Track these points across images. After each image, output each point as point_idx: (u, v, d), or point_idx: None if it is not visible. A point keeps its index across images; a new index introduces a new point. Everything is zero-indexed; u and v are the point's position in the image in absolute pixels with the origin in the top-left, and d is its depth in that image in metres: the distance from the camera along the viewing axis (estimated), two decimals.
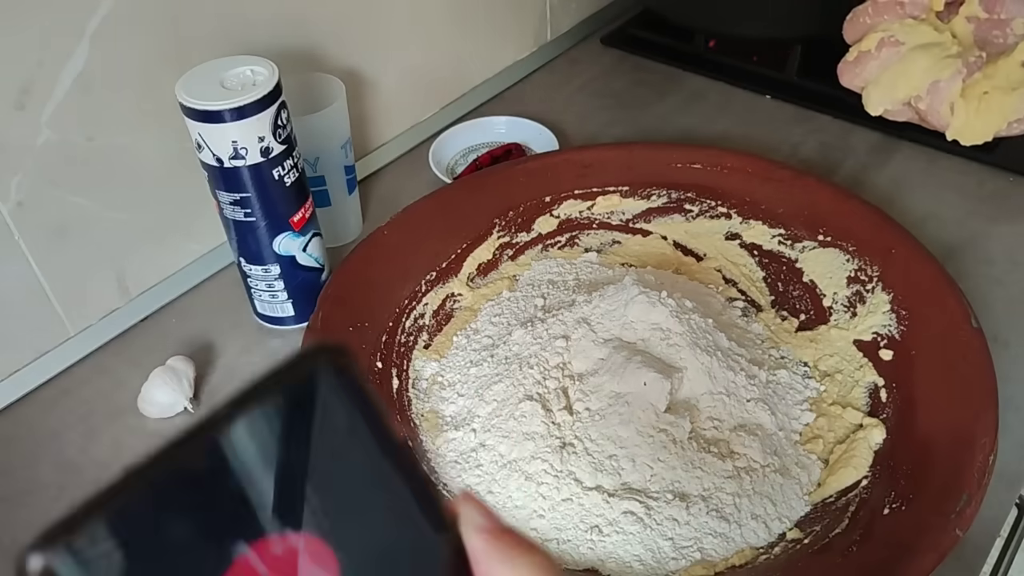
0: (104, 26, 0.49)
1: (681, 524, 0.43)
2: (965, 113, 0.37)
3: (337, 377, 0.18)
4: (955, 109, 0.38)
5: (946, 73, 0.37)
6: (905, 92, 0.38)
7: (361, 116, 0.69)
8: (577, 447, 0.45)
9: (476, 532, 0.19)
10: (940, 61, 0.37)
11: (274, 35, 0.59)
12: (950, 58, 0.37)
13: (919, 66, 0.38)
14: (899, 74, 0.38)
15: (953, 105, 0.37)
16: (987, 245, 0.61)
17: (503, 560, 0.19)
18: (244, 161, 0.48)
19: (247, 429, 0.17)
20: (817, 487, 0.46)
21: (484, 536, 0.19)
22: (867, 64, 0.39)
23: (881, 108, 0.40)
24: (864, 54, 0.39)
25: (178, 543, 0.16)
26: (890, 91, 0.39)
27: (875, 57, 0.39)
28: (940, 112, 0.38)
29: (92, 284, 0.55)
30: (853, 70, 0.40)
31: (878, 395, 0.49)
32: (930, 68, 0.37)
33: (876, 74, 0.39)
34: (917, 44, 0.38)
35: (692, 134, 0.74)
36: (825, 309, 0.55)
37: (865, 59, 0.39)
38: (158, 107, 0.53)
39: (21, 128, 0.48)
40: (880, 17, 0.39)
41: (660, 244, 0.62)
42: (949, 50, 0.38)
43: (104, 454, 0.51)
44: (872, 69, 0.39)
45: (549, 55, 0.85)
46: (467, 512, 0.19)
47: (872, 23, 0.40)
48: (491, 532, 0.19)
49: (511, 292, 0.58)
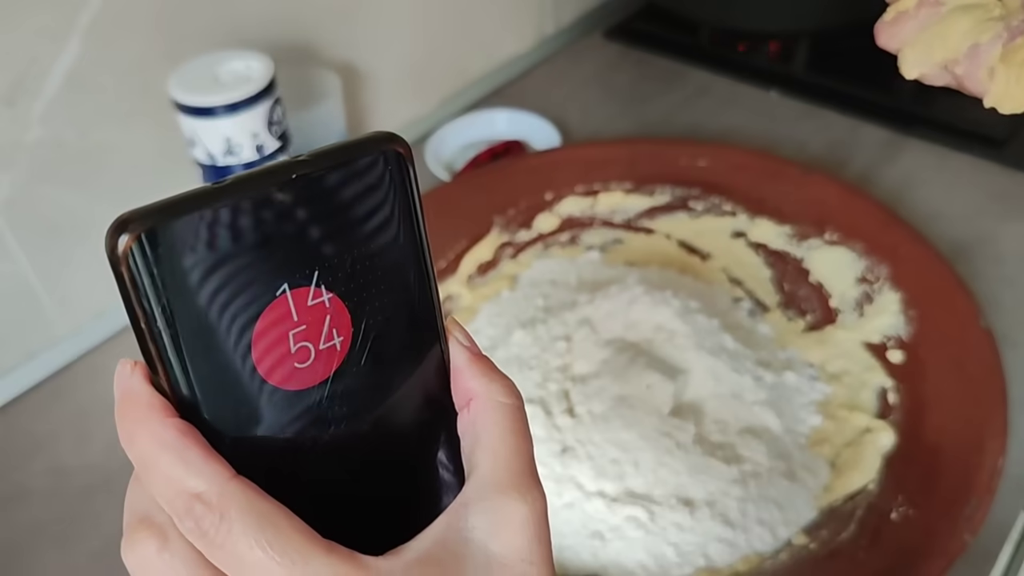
0: (96, 21, 0.49)
1: (685, 530, 0.42)
2: (1005, 80, 0.35)
3: (396, 166, 0.19)
4: (995, 75, 0.35)
5: (986, 36, 0.35)
6: (942, 55, 0.36)
7: (357, 111, 0.68)
8: (579, 451, 0.45)
9: (461, 349, 0.22)
10: (981, 24, 0.35)
11: (268, 29, 0.58)
12: (992, 21, 0.35)
13: (958, 28, 0.36)
14: (937, 36, 0.36)
15: (992, 70, 0.35)
16: (997, 244, 0.60)
17: (481, 375, 0.21)
18: (237, 158, 0.47)
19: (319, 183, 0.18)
20: (824, 491, 0.45)
21: (467, 354, 0.22)
22: (905, 25, 0.37)
23: (917, 71, 0.38)
24: (902, 14, 0.37)
25: (240, 263, 0.18)
26: (927, 53, 0.37)
27: (913, 17, 0.37)
28: (978, 77, 0.36)
29: (84, 283, 0.55)
30: (890, 31, 0.38)
31: (886, 397, 0.49)
32: (970, 31, 0.35)
33: (914, 35, 0.37)
34: (957, 5, 0.36)
35: (697, 130, 0.73)
36: (832, 310, 0.54)
37: (903, 20, 0.37)
38: (151, 103, 0.52)
39: (12, 125, 0.48)
40: None
41: (664, 243, 0.61)
42: (991, 12, 0.36)
43: (96, 456, 0.50)
44: (910, 30, 0.37)
45: (551, 49, 0.84)
46: (455, 330, 0.22)
47: None
48: (473, 351, 0.22)
49: (511, 292, 0.57)
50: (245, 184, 0.18)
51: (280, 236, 0.18)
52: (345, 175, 0.19)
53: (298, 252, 0.18)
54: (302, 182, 0.18)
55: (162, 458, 0.18)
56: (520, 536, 0.20)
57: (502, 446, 0.21)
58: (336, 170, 0.18)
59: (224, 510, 0.18)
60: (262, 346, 0.18)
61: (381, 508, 0.21)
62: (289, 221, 0.18)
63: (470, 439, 0.21)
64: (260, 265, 0.18)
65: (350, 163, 0.19)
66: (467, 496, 0.21)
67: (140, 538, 0.19)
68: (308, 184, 0.18)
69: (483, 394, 0.21)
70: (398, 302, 0.20)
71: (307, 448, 0.20)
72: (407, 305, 0.20)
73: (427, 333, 0.21)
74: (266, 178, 0.18)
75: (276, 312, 0.18)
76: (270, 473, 0.19)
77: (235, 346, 0.18)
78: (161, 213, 0.17)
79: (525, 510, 0.20)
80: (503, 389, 0.21)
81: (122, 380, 0.19)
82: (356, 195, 0.19)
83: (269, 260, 0.18)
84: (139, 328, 0.18)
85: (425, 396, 0.21)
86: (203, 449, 0.18)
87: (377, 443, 0.21)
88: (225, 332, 0.18)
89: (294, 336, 0.19)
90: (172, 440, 0.18)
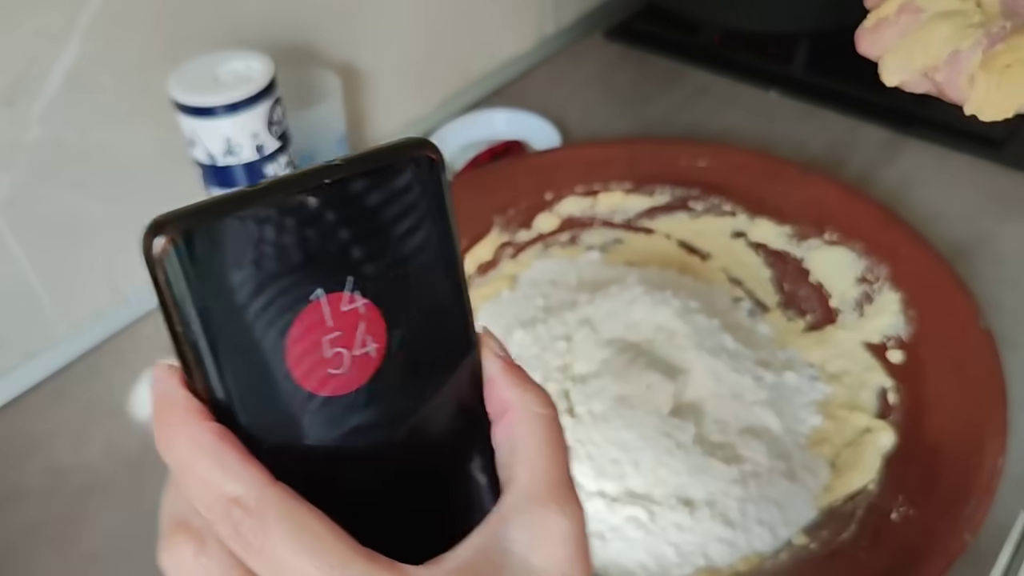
0: (96, 21, 0.49)
1: (685, 530, 0.42)
2: (986, 87, 0.35)
3: (429, 172, 0.19)
4: (975, 82, 0.35)
5: (966, 43, 0.35)
6: (923, 61, 0.36)
7: (357, 111, 0.68)
8: (579, 451, 0.45)
9: (495, 358, 0.22)
10: (961, 30, 0.35)
11: (268, 29, 0.58)
12: (971, 27, 0.35)
13: (939, 35, 0.36)
14: (917, 42, 0.36)
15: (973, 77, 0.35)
16: (996, 244, 0.60)
17: (515, 385, 0.21)
18: (237, 158, 0.47)
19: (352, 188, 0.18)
20: (824, 491, 0.45)
21: (501, 363, 0.22)
22: (885, 31, 0.37)
23: (898, 78, 0.38)
24: (883, 20, 0.37)
25: (275, 267, 0.18)
26: (907, 60, 0.37)
27: (894, 23, 0.37)
28: (958, 84, 0.36)
29: (84, 283, 0.55)
30: (871, 37, 0.37)
31: (886, 397, 0.49)
32: (950, 37, 0.35)
33: (894, 42, 0.37)
34: (938, 11, 0.36)
35: (697, 130, 0.73)
36: (832, 310, 0.54)
37: (884, 26, 0.37)
38: (151, 103, 0.52)
39: (11, 125, 0.48)
40: None
41: (664, 243, 0.61)
42: (971, 19, 0.36)
43: (95, 456, 0.50)
44: (890, 36, 0.37)
45: (551, 49, 0.84)
46: (488, 340, 0.22)
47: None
48: (507, 362, 0.22)
49: (511, 292, 0.57)
50: (279, 188, 0.18)
51: (314, 241, 0.18)
52: (378, 180, 0.19)
53: (332, 257, 0.18)
54: (336, 187, 0.18)
55: (199, 462, 0.18)
56: (560, 549, 0.20)
57: (539, 457, 0.21)
58: (370, 176, 0.18)
59: (262, 515, 0.18)
60: (297, 351, 0.18)
61: (416, 518, 0.21)
62: (323, 226, 0.18)
63: (506, 450, 0.21)
64: (295, 269, 0.18)
65: (384, 169, 0.19)
66: (506, 507, 0.21)
67: (177, 542, 0.19)
68: (342, 189, 0.18)
69: (518, 405, 0.21)
70: (432, 309, 0.20)
71: (342, 455, 0.20)
72: (441, 312, 0.20)
73: (460, 341, 0.21)
74: (300, 183, 0.18)
75: (311, 317, 0.18)
76: (307, 479, 0.19)
77: (270, 350, 0.18)
78: (198, 215, 0.17)
79: (565, 523, 0.20)
80: (538, 399, 0.21)
81: (159, 384, 0.19)
82: (390, 200, 0.19)
83: (304, 265, 0.18)
84: (174, 331, 0.18)
85: (459, 405, 0.21)
86: (240, 453, 0.18)
87: (412, 451, 0.21)
88: (260, 336, 0.18)
89: (328, 342, 0.19)
90: (209, 444, 0.18)
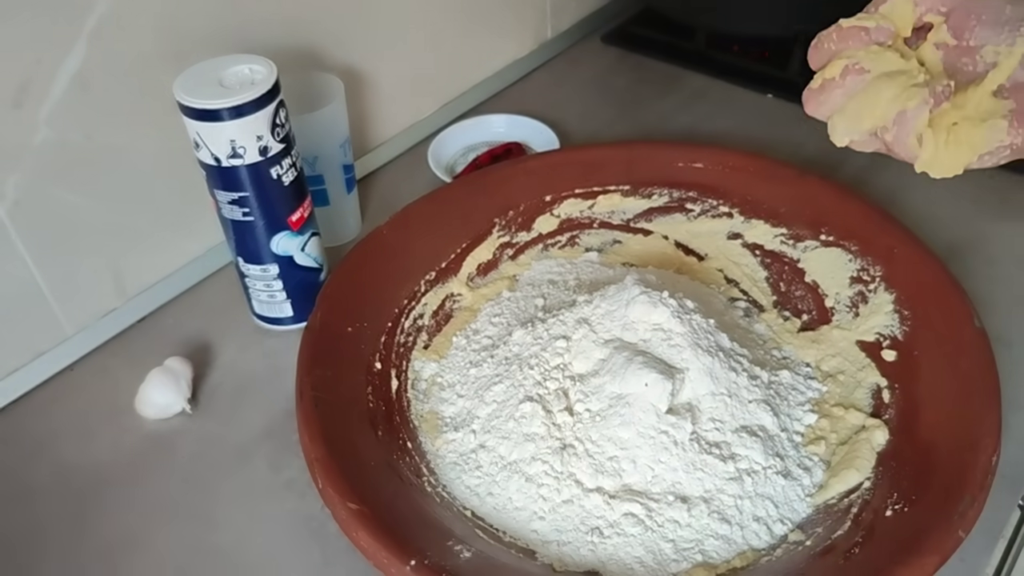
0: (102, 24, 0.49)
1: (682, 526, 0.43)
2: (934, 145, 0.35)
3: None
4: (923, 140, 0.36)
5: (912, 103, 0.35)
6: (871, 122, 0.36)
7: (360, 115, 0.68)
8: (578, 448, 0.45)
9: None
10: (906, 90, 0.35)
11: (272, 33, 0.59)
12: (916, 87, 0.35)
13: (884, 95, 0.36)
14: (864, 103, 0.36)
15: (921, 136, 0.36)
16: (990, 245, 0.60)
17: None
18: (242, 160, 0.48)
19: None
20: (819, 489, 0.46)
21: None
22: (832, 92, 0.37)
23: (847, 139, 0.38)
24: (828, 82, 0.37)
25: None
26: (855, 121, 0.37)
27: (840, 85, 0.37)
28: (907, 144, 0.36)
29: (89, 284, 0.55)
30: (817, 98, 0.38)
31: (881, 396, 0.49)
32: (896, 97, 0.36)
33: (841, 103, 0.37)
34: (882, 72, 0.36)
35: (693, 133, 0.74)
36: (827, 309, 0.55)
37: (829, 87, 0.37)
38: (156, 106, 0.53)
39: (18, 127, 0.48)
40: (845, 43, 0.37)
41: (661, 244, 0.61)
42: (916, 78, 0.36)
43: (101, 455, 0.50)
44: (837, 98, 0.37)
45: (549, 53, 0.85)
46: None
47: (837, 49, 0.38)
48: None
49: (511, 292, 0.58)
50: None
51: None
52: None
53: None
54: None
55: None
56: None
57: None
58: None
59: None
60: None
61: None
62: None
63: None
64: None
65: None
66: None
67: None
68: None
69: None
70: None
71: None
72: None
73: None
74: None
75: None
76: None
77: None
78: None
79: None
80: None
81: None
82: None
83: None
84: None
85: None
86: None
87: None
88: None
89: None
90: None
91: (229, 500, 0.48)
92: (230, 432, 0.52)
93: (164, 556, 0.45)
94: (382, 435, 0.47)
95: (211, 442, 0.51)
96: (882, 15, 0.37)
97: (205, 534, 0.46)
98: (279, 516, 0.47)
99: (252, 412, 0.53)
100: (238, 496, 0.48)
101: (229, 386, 0.54)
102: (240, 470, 0.49)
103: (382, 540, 0.39)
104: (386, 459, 0.46)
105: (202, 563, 0.45)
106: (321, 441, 0.43)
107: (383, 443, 0.47)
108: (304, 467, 0.43)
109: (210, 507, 0.48)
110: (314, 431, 0.43)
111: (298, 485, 0.48)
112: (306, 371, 0.46)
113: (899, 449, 0.45)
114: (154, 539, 0.46)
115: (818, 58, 0.38)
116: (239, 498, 0.48)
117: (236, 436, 0.51)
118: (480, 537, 0.43)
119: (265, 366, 0.55)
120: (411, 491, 0.45)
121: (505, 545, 0.43)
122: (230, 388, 0.54)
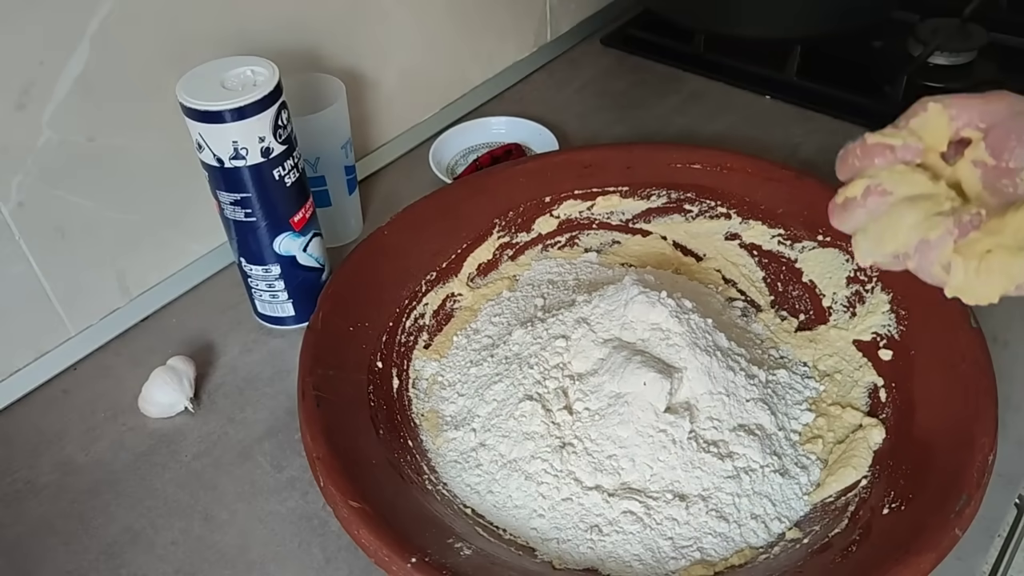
0: (105, 26, 0.50)
1: (681, 524, 0.43)
2: (963, 272, 0.32)
3: None
4: (952, 268, 0.33)
5: (934, 233, 0.32)
6: (893, 247, 0.34)
7: (361, 116, 0.69)
8: (577, 447, 0.45)
9: None
10: (928, 219, 0.33)
11: (274, 35, 0.59)
12: (941, 215, 0.33)
13: (906, 222, 0.33)
14: (885, 228, 0.34)
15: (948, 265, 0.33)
16: None
17: None
18: (245, 161, 0.48)
19: None
20: (816, 487, 0.46)
21: None
22: (854, 211, 0.35)
23: (871, 259, 0.35)
24: (851, 200, 0.35)
25: None
26: (877, 244, 0.34)
27: (861, 205, 0.34)
28: (931, 273, 0.33)
29: (93, 284, 0.55)
30: (841, 215, 0.35)
31: (877, 395, 0.49)
32: (917, 225, 0.33)
33: (863, 222, 0.35)
34: (905, 195, 0.34)
35: (692, 134, 0.74)
36: (825, 309, 0.55)
37: (852, 205, 0.35)
38: (159, 107, 0.53)
39: (22, 128, 0.49)
40: (869, 160, 0.35)
41: (660, 244, 0.62)
42: (941, 206, 0.33)
43: (104, 454, 0.51)
44: (859, 217, 0.35)
45: (549, 55, 0.85)
46: None
47: (861, 166, 0.35)
48: None
49: (511, 292, 0.58)
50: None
51: None
52: None
53: None
54: None
55: None
56: None
57: None
58: None
59: None
60: None
61: None
62: None
63: None
64: None
65: None
66: None
67: None
68: None
69: None
70: None
71: None
72: None
73: None
74: None
75: None
76: None
77: None
78: None
79: None
80: None
81: None
82: None
83: None
84: None
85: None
86: None
87: None
88: None
89: None
90: None
91: (232, 498, 0.48)
92: (232, 431, 0.52)
93: (167, 554, 0.46)
94: (383, 434, 0.47)
95: (214, 441, 0.51)
96: (911, 131, 0.35)
97: (207, 532, 0.47)
98: (281, 514, 0.47)
99: (254, 411, 0.53)
100: (240, 494, 0.48)
101: (231, 385, 0.55)
102: (242, 468, 0.50)
103: (383, 538, 0.39)
104: (387, 457, 0.46)
105: (204, 561, 0.45)
106: (323, 440, 0.43)
107: (384, 442, 0.47)
108: (306, 465, 0.44)
109: (213, 505, 0.48)
110: (316, 430, 0.44)
111: (300, 483, 0.49)
112: (308, 370, 0.47)
113: (896, 448, 0.46)
114: (157, 537, 0.47)
115: (844, 171, 0.36)
116: (241, 496, 0.48)
117: (238, 435, 0.52)
118: (480, 535, 0.44)
119: (267, 366, 0.56)
120: (412, 489, 0.45)
121: (505, 543, 0.44)
122: (232, 387, 0.55)
